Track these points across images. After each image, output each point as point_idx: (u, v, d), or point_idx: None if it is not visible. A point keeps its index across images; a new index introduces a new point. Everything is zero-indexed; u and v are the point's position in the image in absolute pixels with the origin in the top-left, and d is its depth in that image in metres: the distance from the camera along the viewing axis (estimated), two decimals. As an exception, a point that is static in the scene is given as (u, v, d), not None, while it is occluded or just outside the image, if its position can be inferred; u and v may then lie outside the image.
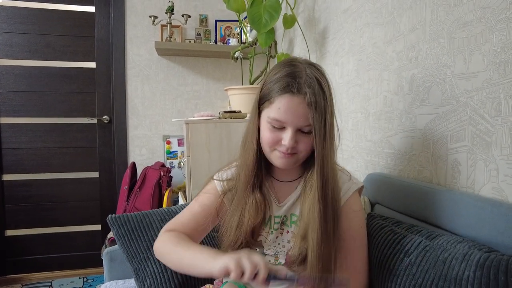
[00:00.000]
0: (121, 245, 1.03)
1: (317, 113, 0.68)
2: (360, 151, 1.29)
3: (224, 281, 0.84)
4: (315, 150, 0.70)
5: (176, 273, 0.99)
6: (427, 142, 0.95)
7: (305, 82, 0.69)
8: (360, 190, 0.84)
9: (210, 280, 0.98)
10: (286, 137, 0.70)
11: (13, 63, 2.19)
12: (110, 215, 1.05)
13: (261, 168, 0.79)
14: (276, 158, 0.75)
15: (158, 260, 1.00)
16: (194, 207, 0.85)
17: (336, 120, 0.75)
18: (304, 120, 0.69)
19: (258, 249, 0.82)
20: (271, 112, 0.71)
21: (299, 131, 0.71)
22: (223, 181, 0.84)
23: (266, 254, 0.81)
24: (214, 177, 0.87)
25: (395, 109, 1.08)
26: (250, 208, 0.77)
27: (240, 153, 0.81)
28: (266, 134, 0.73)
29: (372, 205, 1.07)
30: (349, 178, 0.81)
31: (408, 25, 1.02)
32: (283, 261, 0.78)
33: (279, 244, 0.81)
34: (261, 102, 0.75)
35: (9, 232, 2.26)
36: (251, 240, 0.79)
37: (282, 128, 0.71)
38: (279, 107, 0.70)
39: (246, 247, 0.80)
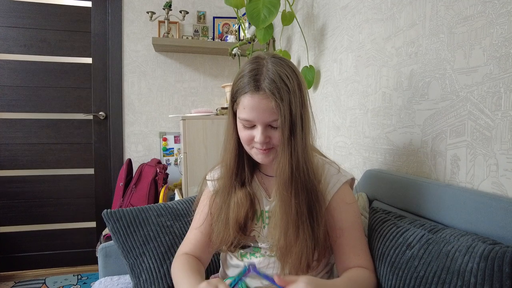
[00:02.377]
0: (116, 240, 1.02)
1: (279, 107, 0.68)
2: (358, 148, 1.29)
3: (224, 279, 0.83)
4: (283, 142, 0.70)
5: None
6: (426, 137, 0.94)
7: (264, 78, 0.69)
8: (351, 183, 0.84)
9: (206, 277, 0.97)
10: (257, 134, 0.72)
11: (8, 57, 2.16)
12: (105, 210, 1.04)
13: (244, 166, 0.81)
14: (255, 154, 0.76)
15: (153, 256, 0.99)
16: (196, 219, 0.88)
17: (309, 109, 0.75)
18: (270, 115, 0.70)
19: (252, 244, 0.81)
20: (239, 113, 0.73)
21: (269, 126, 0.72)
22: (214, 180, 0.86)
23: (261, 248, 0.81)
24: (207, 177, 0.89)
25: (394, 105, 1.08)
26: (234, 205, 0.78)
27: (222, 153, 0.83)
28: (241, 133, 0.75)
29: (370, 201, 1.07)
30: (337, 171, 0.80)
31: (408, 21, 1.01)
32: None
33: (272, 238, 0.80)
34: (232, 102, 0.76)
35: (2, 229, 2.23)
36: (243, 236, 0.79)
37: (253, 126, 0.73)
38: (244, 107, 0.71)
39: (239, 243, 0.80)
